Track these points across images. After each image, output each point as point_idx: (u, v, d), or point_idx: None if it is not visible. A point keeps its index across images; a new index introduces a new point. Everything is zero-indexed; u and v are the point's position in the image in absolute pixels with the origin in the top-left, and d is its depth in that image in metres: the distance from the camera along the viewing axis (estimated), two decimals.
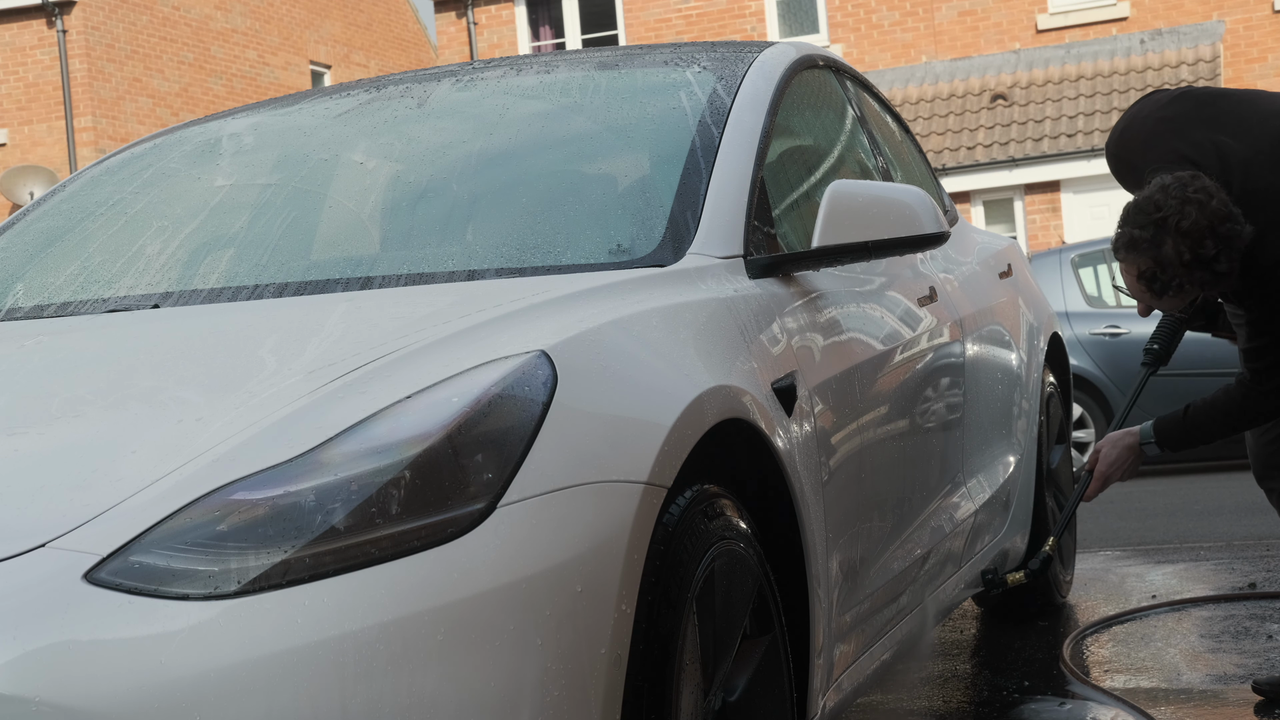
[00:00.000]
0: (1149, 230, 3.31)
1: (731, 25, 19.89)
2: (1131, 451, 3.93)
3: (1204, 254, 3.29)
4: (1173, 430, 3.82)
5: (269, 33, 24.08)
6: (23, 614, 1.76)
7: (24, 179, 19.80)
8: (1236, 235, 3.30)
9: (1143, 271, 3.38)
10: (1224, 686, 3.74)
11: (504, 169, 3.12)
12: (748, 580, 2.36)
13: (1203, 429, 3.74)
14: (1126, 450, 3.93)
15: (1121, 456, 3.93)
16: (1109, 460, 3.94)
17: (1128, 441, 3.93)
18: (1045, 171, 17.33)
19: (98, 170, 3.57)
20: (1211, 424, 3.72)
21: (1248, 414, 3.66)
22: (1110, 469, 3.94)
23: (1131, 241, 3.37)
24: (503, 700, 1.85)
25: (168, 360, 2.33)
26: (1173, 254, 3.30)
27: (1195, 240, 3.27)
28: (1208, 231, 3.27)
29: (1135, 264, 3.39)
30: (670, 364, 2.29)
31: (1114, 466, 3.94)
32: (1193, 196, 3.29)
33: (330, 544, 1.82)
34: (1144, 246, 3.33)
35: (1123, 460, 3.94)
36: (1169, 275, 3.34)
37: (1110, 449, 3.95)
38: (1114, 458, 3.94)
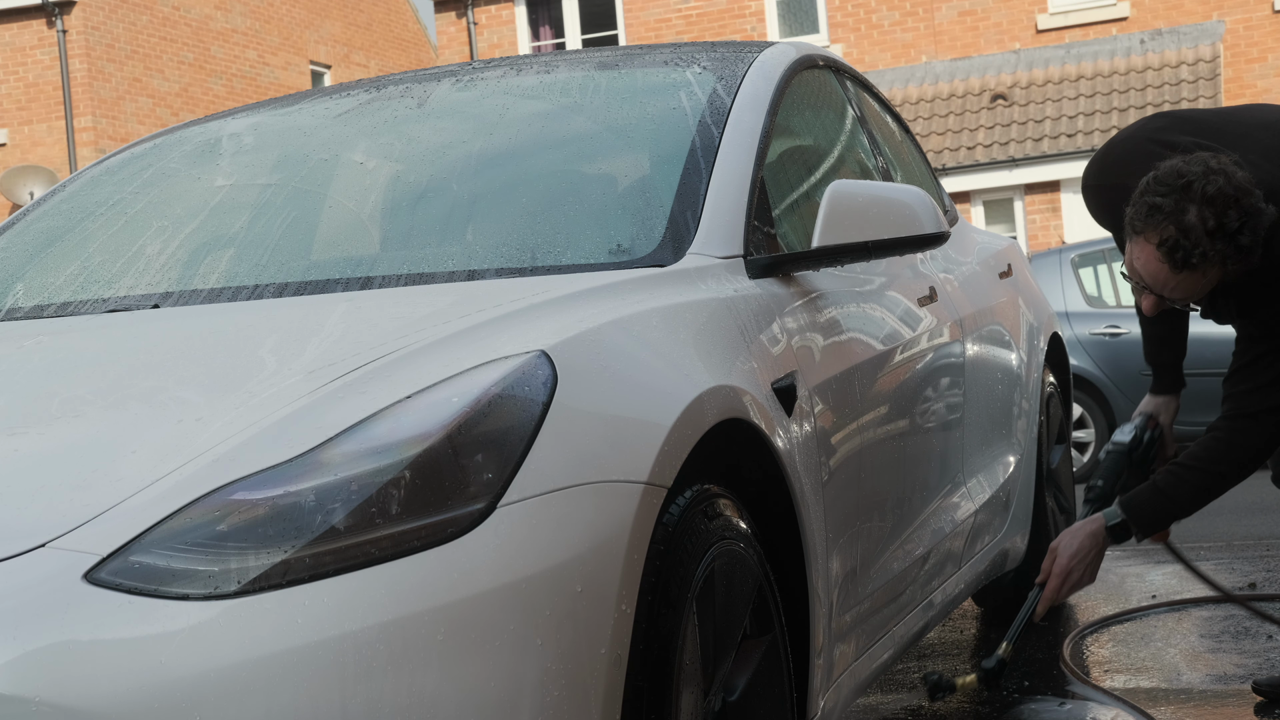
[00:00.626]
0: (1171, 197, 3.09)
1: (731, 25, 19.89)
2: (1096, 540, 3.42)
3: (1228, 224, 3.08)
4: (1146, 505, 3.39)
5: (269, 33, 24.09)
6: (23, 614, 1.76)
7: (24, 179, 19.81)
8: (1260, 211, 3.11)
9: (1164, 240, 3.11)
10: (1224, 686, 3.74)
11: (504, 169, 3.12)
12: (748, 580, 2.36)
13: (1182, 492, 3.37)
14: (1090, 538, 3.42)
15: (1085, 545, 3.42)
16: (1071, 551, 3.41)
17: (1091, 528, 3.42)
18: (1045, 171, 17.34)
19: (98, 170, 3.57)
20: (1192, 481, 3.36)
21: (1235, 455, 3.34)
22: (1074, 561, 3.41)
23: (1152, 209, 3.13)
24: (503, 700, 1.85)
25: (168, 360, 2.33)
26: (1197, 221, 3.08)
27: (1220, 208, 3.07)
28: (1233, 201, 3.08)
29: (1157, 233, 3.12)
30: (670, 364, 2.29)
31: (1078, 558, 3.41)
32: (1216, 168, 3.11)
33: (330, 544, 1.82)
34: (1167, 212, 3.09)
35: (1087, 550, 3.42)
36: (1192, 244, 3.09)
37: (1071, 539, 3.44)
38: (1076, 547, 3.42)
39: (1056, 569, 3.43)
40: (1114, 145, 3.49)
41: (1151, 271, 3.20)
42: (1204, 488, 3.38)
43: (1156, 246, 3.15)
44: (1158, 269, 3.18)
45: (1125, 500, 3.42)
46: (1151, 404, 3.76)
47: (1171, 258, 3.14)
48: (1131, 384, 10.05)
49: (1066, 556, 3.42)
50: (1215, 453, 3.36)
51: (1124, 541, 3.43)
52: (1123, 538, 3.43)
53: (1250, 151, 3.27)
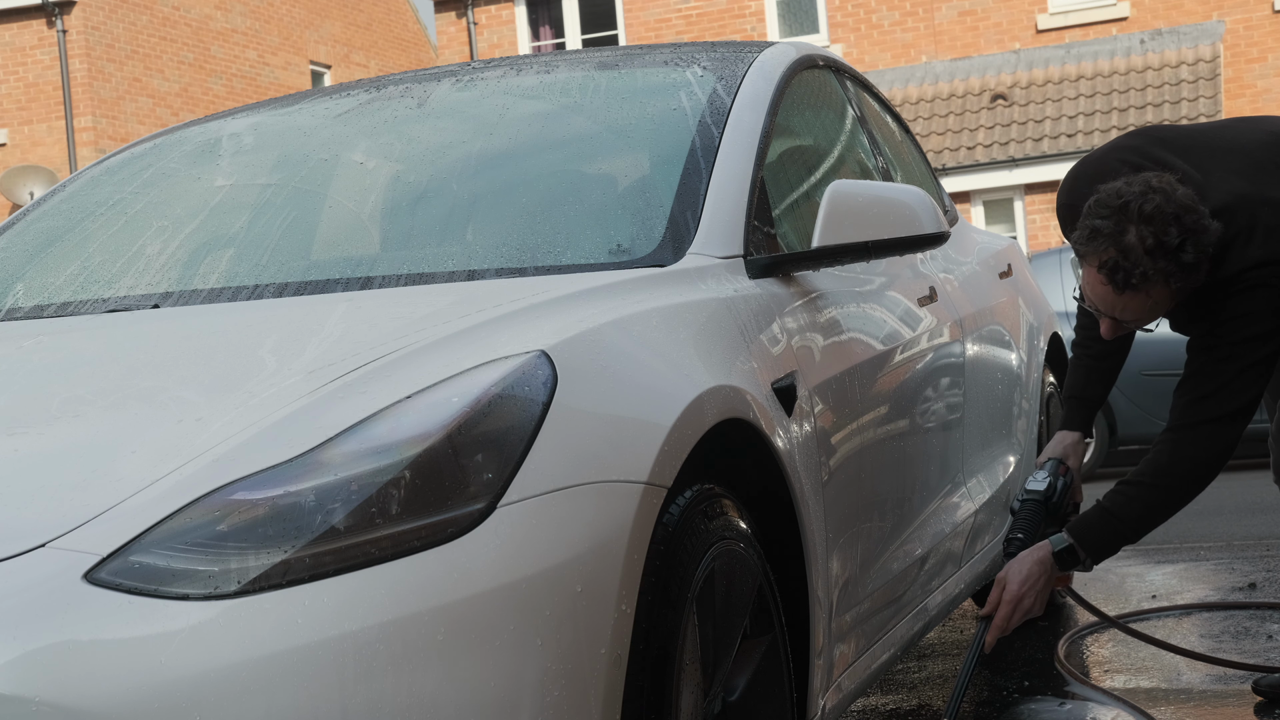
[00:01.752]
0: (1111, 219, 3.11)
1: (731, 25, 19.89)
2: (1044, 566, 3.30)
3: (1168, 241, 3.07)
4: (1093, 528, 3.30)
5: (269, 33, 24.08)
6: (23, 614, 1.75)
7: (24, 179, 19.81)
8: (1203, 229, 3.10)
9: (1104, 262, 3.13)
10: (1224, 686, 3.74)
11: (504, 169, 3.12)
12: (748, 580, 2.36)
13: (1130, 511, 3.27)
14: (1038, 565, 3.30)
15: (1033, 572, 3.29)
16: (1021, 578, 3.29)
17: (1038, 555, 3.31)
18: (1045, 171, 17.33)
19: (98, 170, 3.57)
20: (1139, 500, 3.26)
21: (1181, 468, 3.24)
22: (1024, 588, 3.28)
23: (1093, 232, 3.15)
24: (503, 700, 1.85)
25: (168, 360, 2.33)
26: (1136, 241, 3.09)
27: (1159, 227, 3.08)
28: (1172, 219, 3.08)
29: (1097, 255, 3.14)
30: (670, 364, 2.29)
31: (1027, 585, 3.28)
32: (1157, 186, 3.11)
33: (330, 544, 1.82)
34: (1106, 235, 3.11)
35: (1035, 576, 3.29)
36: (1131, 264, 3.10)
37: (1019, 566, 3.32)
38: (1025, 574, 3.29)
39: (1006, 597, 3.30)
40: (1085, 164, 3.47)
41: (1099, 294, 3.22)
42: (1153, 504, 3.28)
43: (1098, 269, 3.17)
44: (1103, 291, 3.20)
45: (1073, 525, 3.33)
46: (1060, 447, 3.65)
47: (1113, 279, 3.15)
48: (1131, 384, 10.05)
49: (1017, 583, 3.30)
50: (1159, 466, 3.27)
51: (1072, 568, 3.33)
52: (1071, 564, 3.32)
53: (1214, 170, 3.25)
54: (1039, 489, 3.54)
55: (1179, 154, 3.30)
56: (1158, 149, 3.34)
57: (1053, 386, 4.86)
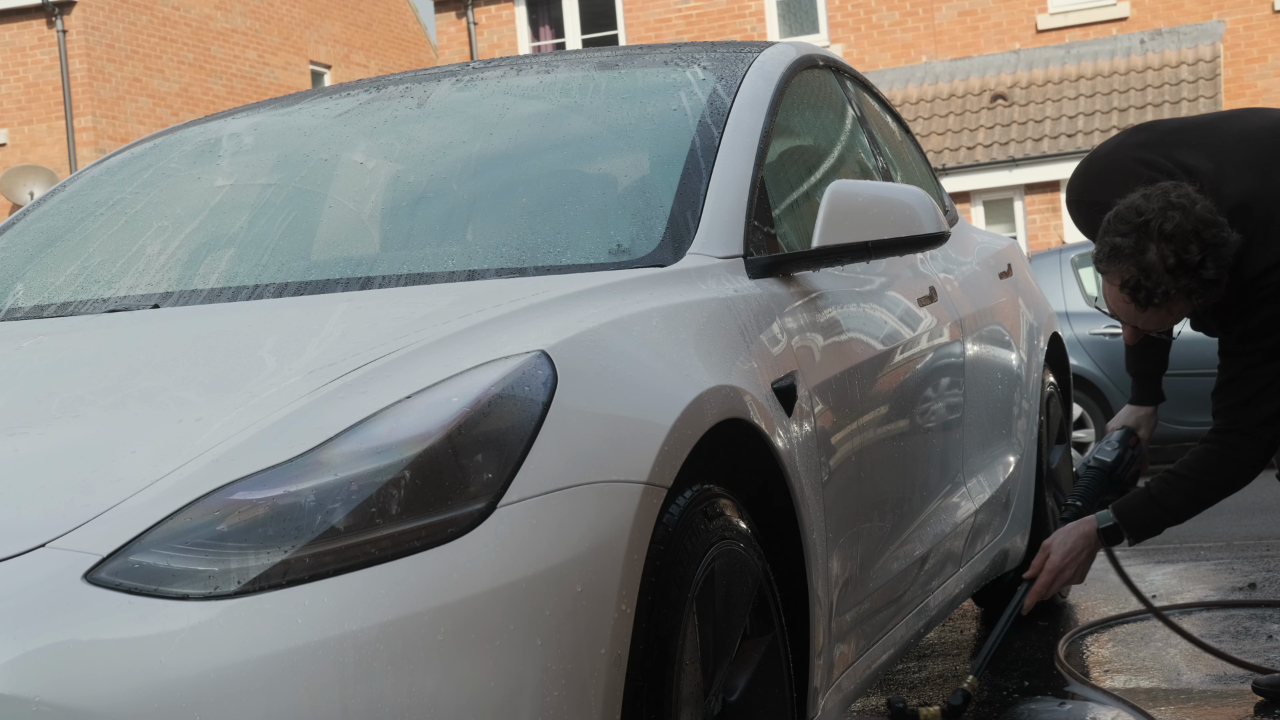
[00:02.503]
0: (1131, 237, 3.13)
1: (731, 25, 19.89)
2: (1089, 540, 3.46)
3: (1189, 259, 3.11)
4: (1138, 511, 3.42)
5: (269, 33, 24.08)
6: (23, 614, 1.76)
7: (24, 179, 19.80)
8: (1223, 241, 3.13)
9: (1126, 281, 3.18)
10: (1224, 686, 3.74)
11: (504, 169, 3.12)
12: (748, 580, 2.36)
13: (1174, 501, 3.38)
14: (1083, 539, 3.46)
15: (1077, 545, 3.46)
16: (1064, 550, 3.45)
17: (1084, 530, 3.47)
18: (1045, 171, 17.33)
19: (98, 170, 3.57)
20: (1184, 491, 3.38)
21: (1226, 469, 3.35)
22: (1066, 560, 3.45)
23: (1114, 250, 3.19)
24: (503, 700, 1.85)
25: (168, 360, 2.33)
26: (1157, 260, 3.12)
27: (1180, 245, 3.10)
28: (1193, 236, 3.11)
29: (1119, 274, 3.18)
30: (670, 364, 2.29)
31: (1069, 557, 3.45)
32: (1176, 201, 3.13)
33: (330, 544, 1.82)
34: (1127, 254, 3.14)
35: (1079, 550, 3.46)
36: (1154, 283, 3.15)
37: (1064, 538, 3.48)
38: (1069, 547, 3.46)
39: (1049, 566, 3.48)
40: (1095, 160, 3.50)
41: (1120, 309, 3.28)
42: (1197, 498, 3.41)
43: (1120, 288, 3.22)
44: (1125, 308, 3.26)
45: (1119, 506, 3.45)
46: (1131, 416, 3.78)
47: (1135, 298, 3.20)
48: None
49: (1060, 555, 3.48)
50: (1209, 465, 3.38)
51: (1116, 544, 3.49)
52: (1114, 541, 3.48)
53: (1227, 164, 3.27)
54: (1106, 460, 3.69)
55: (1192, 149, 3.31)
56: (1172, 147, 3.35)
57: (1053, 386, 4.86)
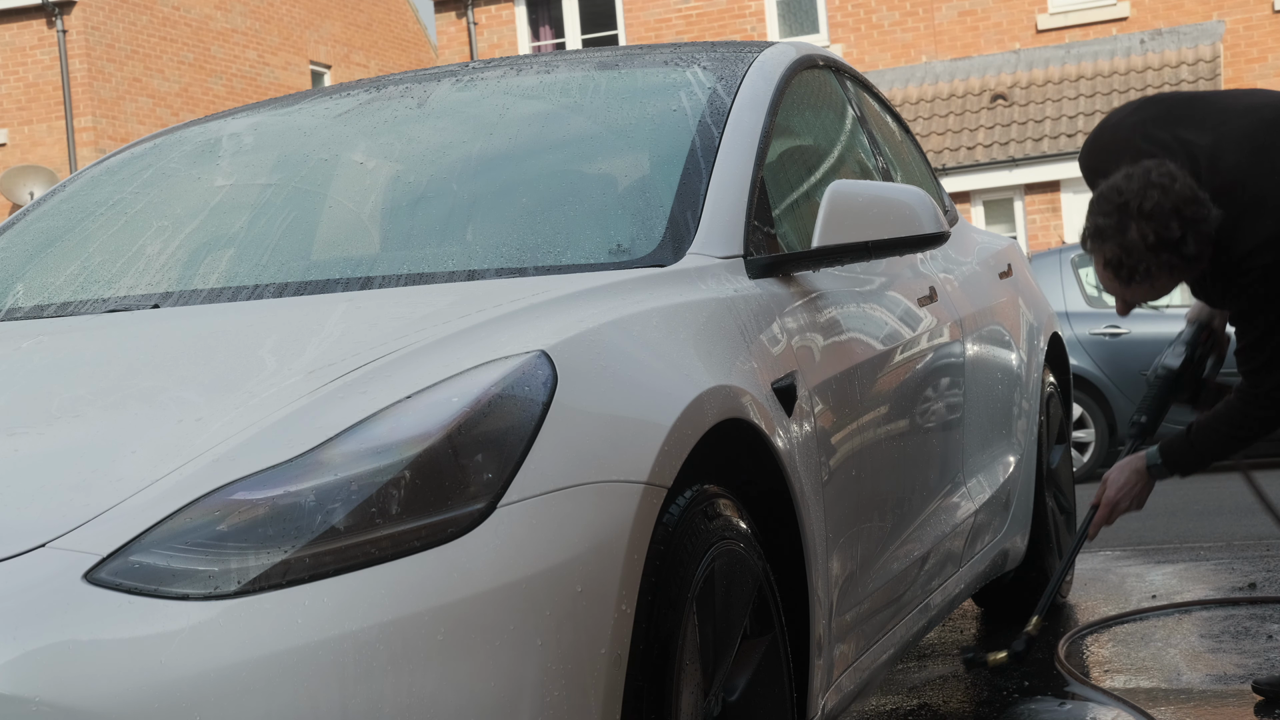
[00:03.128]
0: (1113, 217, 3.25)
1: (731, 25, 19.89)
2: (1140, 476, 3.76)
3: (1169, 236, 3.21)
4: (1179, 452, 3.69)
5: (269, 33, 24.08)
6: (23, 614, 1.76)
7: (24, 179, 19.80)
8: (1203, 219, 3.23)
9: (1109, 259, 3.31)
10: (1224, 686, 3.74)
11: (504, 169, 3.12)
12: (748, 580, 2.36)
13: (1208, 446, 3.62)
14: (1135, 474, 3.77)
15: (1130, 480, 3.77)
16: (1118, 485, 3.78)
17: (1136, 465, 3.78)
18: (1045, 171, 17.34)
19: (98, 170, 3.57)
20: (1216, 440, 3.59)
21: (1250, 424, 3.53)
22: (1120, 494, 3.77)
23: (1096, 230, 3.32)
24: (503, 700, 1.85)
25: (168, 360, 2.33)
26: (1137, 238, 3.24)
27: (1160, 223, 3.21)
28: (1172, 214, 3.21)
29: (1102, 252, 3.32)
30: (670, 364, 2.29)
31: (1123, 491, 3.77)
32: (1155, 180, 3.23)
33: (330, 544, 1.82)
34: (1109, 233, 3.27)
35: (1131, 484, 3.77)
36: (1134, 260, 3.27)
37: (1119, 473, 3.80)
38: (1123, 481, 3.78)
39: (1105, 500, 3.79)
40: (1103, 130, 3.60)
41: (1107, 285, 3.42)
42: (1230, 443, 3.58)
43: (1104, 266, 3.35)
44: (1111, 283, 3.39)
45: (1164, 446, 3.69)
46: (1204, 311, 3.84)
47: (1118, 274, 3.33)
48: (1132, 384, 10.04)
49: (1114, 489, 3.77)
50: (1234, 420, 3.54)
51: (1165, 478, 3.74)
52: (1162, 477, 3.73)
53: (1225, 139, 3.36)
54: (1174, 365, 3.82)
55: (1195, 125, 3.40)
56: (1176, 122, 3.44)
57: (1053, 386, 4.86)
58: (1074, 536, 3.92)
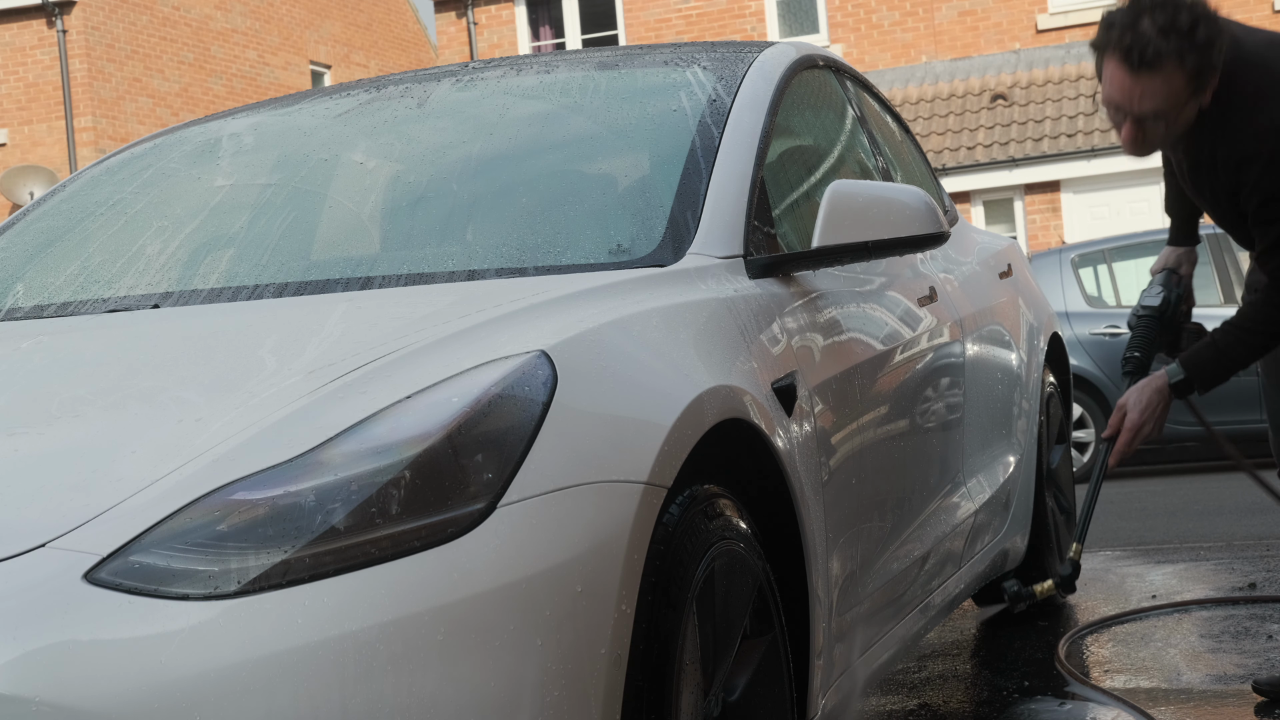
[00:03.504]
0: (1125, 12, 3.23)
1: (731, 25, 19.89)
2: (1162, 395, 3.56)
3: (1180, 23, 3.17)
4: (1204, 361, 3.51)
5: (269, 33, 24.08)
6: (23, 614, 1.76)
7: (24, 179, 19.81)
8: (1215, 17, 3.20)
9: (1119, 45, 3.21)
10: (1224, 686, 3.74)
11: (504, 169, 3.12)
12: (748, 580, 2.36)
13: (1236, 350, 3.46)
14: (1156, 394, 3.56)
15: (1152, 401, 3.56)
16: (1141, 406, 3.56)
17: (1156, 385, 3.57)
18: (1045, 171, 17.33)
19: (98, 170, 3.57)
20: (1243, 341, 3.44)
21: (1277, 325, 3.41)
22: (1144, 416, 3.56)
23: (1108, 25, 3.26)
24: (503, 700, 1.85)
25: (168, 360, 2.33)
26: (1149, 25, 3.19)
27: (1171, 12, 3.18)
28: (1184, 6, 3.19)
29: (1112, 45, 3.24)
30: (670, 364, 2.29)
31: (1147, 413, 3.56)
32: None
33: (330, 544, 1.82)
34: (1120, 23, 3.22)
35: (1154, 405, 3.56)
36: (1145, 41, 3.18)
37: (1139, 394, 3.58)
38: (1145, 402, 3.56)
39: (1128, 423, 3.59)
40: None
41: (1116, 85, 3.26)
42: (1257, 347, 3.48)
43: (1113, 53, 3.25)
44: (1120, 79, 3.25)
45: (1186, 359, 3.55)
46: (1171, 257, 3.83)
47: (1128, 59, 3.21)
48: None
49: (1137, 412, 3.58)
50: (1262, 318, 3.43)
51: (1186, 396, 3.58)
52: (1185, 392, 3.56)
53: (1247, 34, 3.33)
54: (1155, 304, 3.75)
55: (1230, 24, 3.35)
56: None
57: (1053, 386, 4.86)
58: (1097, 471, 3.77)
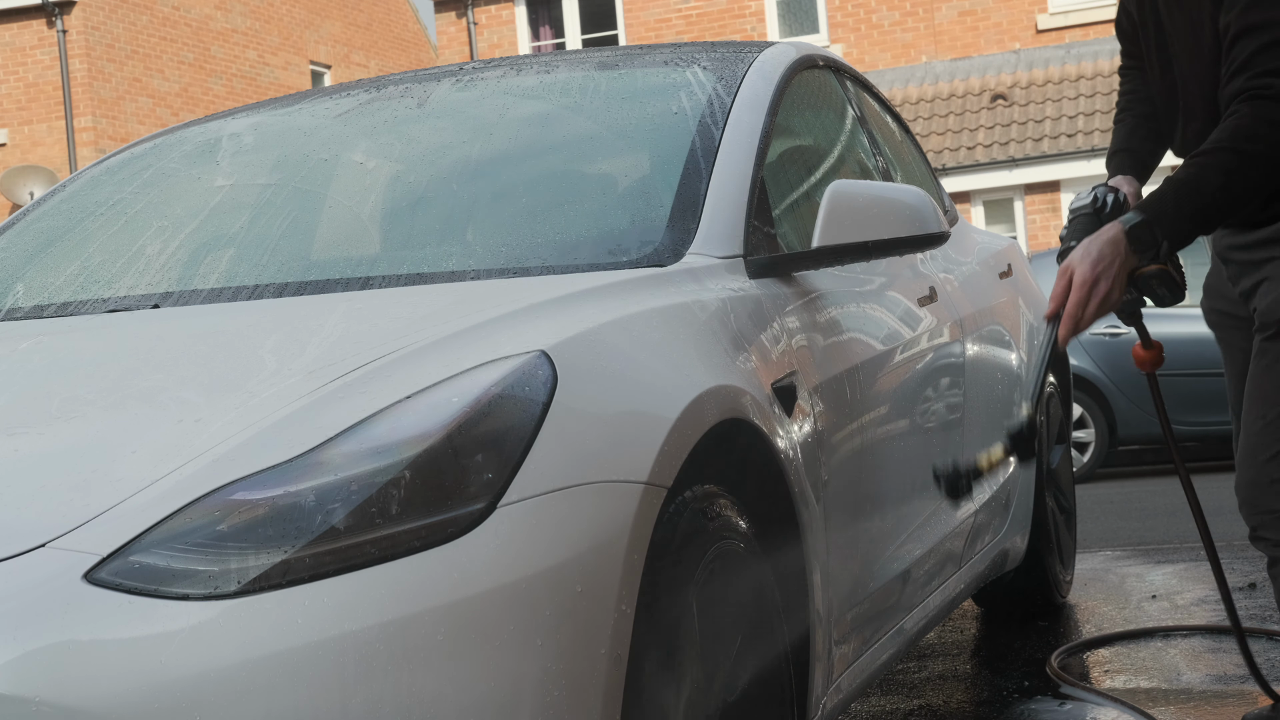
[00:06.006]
0: None
1: (731, 25, 19.89)
2: (1115, 246, 2.68)
3: None
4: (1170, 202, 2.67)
5: (269, 33, 24.08)
6: (23, 614, 1.76)
7: (24, 179, 19.81)
8: None
9: None
10: (1224, 686, 3.74)
11: (504, 169, 3.12)
12: (748, 580, 2.36)
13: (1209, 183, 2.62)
14: (1109, 245, 2.69)
15: (1104, 253, 2.69)
16: (1091, 258, 2.69)
17: (1108, 234, 2.70)
18: (1045, 171, 17.33)
19: (98, 170, 3.57)
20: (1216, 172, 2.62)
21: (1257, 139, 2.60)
22: (1096, 270, 2.68)
23: None
24: (503, 700, 1.85)
25: (168, 360, 2.33)
26: None
27: None
28: None
29: None
30: (670, 364, 2.29)
31: (1100, 266, 2.69)
32: None
33: (330, 544, 1.82)
34: None
35: (1106, 257, 2.69)
36: None
37: (1086, 247, 2.72)
38: (1096, 253, 2.69)
39: (1078, 279, 2.70)
40: None
41: None
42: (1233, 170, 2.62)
43: None
44: None
45: (1143, 202, 2.73)
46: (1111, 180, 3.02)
47: None
48: (1131, 384, 10.05)
49: (1088, 265, 2.69)
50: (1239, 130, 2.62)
51: (1146, 251, 2.69)
52: (1146, 243, 2.68)
53: None
54: (1085, 203, 2.92)
55: None
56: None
57: (1052, 386, 4.86)
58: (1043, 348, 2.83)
